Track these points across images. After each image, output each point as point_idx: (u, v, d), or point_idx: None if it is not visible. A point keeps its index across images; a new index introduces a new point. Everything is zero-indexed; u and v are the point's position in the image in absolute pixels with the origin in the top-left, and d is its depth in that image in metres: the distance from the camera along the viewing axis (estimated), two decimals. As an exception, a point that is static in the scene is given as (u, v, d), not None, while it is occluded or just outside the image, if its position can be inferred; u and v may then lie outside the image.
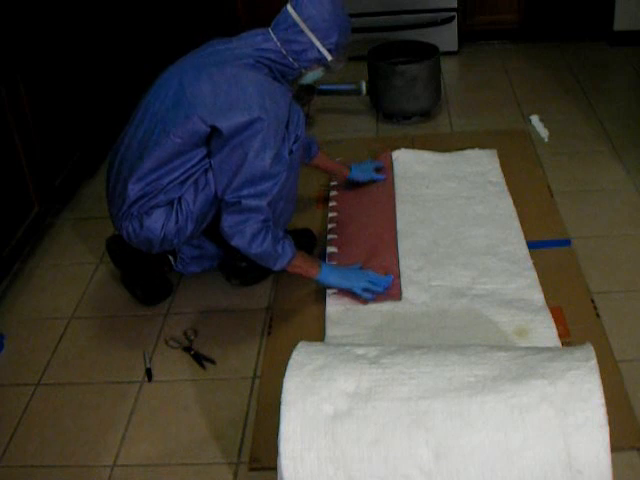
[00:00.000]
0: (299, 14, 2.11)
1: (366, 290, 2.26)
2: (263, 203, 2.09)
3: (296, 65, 2.16)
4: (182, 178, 2.14)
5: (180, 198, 2.17)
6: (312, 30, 2.11)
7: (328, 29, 2.12)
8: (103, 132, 3.25)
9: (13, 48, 2.57)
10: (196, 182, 2.15)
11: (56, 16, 2.86)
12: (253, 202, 2.08)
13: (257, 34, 2.17)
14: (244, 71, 2.09)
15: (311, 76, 2.26)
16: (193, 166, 2.13)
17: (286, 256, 2.16)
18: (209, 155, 2.13)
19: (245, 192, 2.07)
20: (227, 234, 2.12)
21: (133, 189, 2.14)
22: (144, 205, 2.16)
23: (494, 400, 1.49)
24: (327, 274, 2.27)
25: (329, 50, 2.15)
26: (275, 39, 2.13)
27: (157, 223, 2.17)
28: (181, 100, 2.09)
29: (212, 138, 2.10)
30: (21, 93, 2.62)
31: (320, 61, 2.18)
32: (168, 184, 2.14)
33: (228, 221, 2.10)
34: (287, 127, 2.15)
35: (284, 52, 2.13)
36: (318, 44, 2.13)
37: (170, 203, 2.17)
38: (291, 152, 2.17)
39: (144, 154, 2.13)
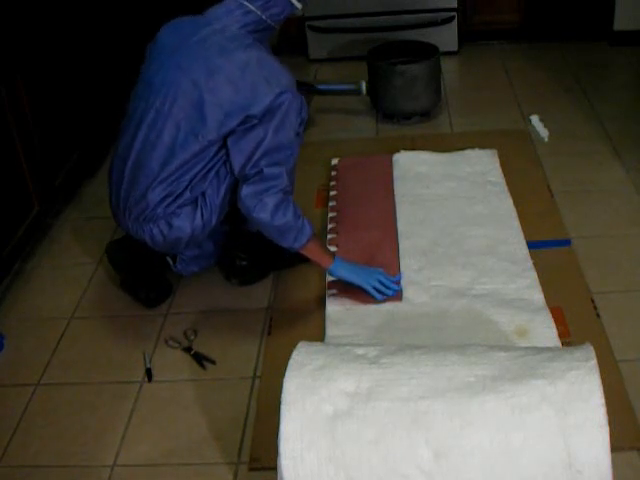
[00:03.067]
0: None
1: (376, 290, 2.27)
2: (283, 170, 2.11)
3: (272, 25, 2.19)
4: (204, 171, 2.16)
5: (204, 193, 2.18)
6: None
7: None
8: (103, 132, 3.25)
9: (13, 48, 2.57)
10: (217, 174, 2.18)
11: (56, 16, 2.86)
12: (275, 169, 2.09)
13: (231, 9, 2.16)
14: (249, 53, 2.10)
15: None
16: (212, 158, 2.15)
17: (306, 232, 2.16)
18: (225, 139, 2.13)
19: (264, 162, 2.09)
20: (248, 207, 2.10)
21: (155, 191, 2.15)
22: (170, 205, 2.17)
23: (494, 400, 1.49)
24: (340, 266, 2.27)
25: (299, 1, 2.21)
26: (254, 8, 2.14)
27: (186, 222, 2.19)
28: (204, 103, 2.08)
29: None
30: (21, 93, 2.62)
31: (292, 13, 2.23)
32: (191, 180, 2.15)
33: (248, 191, 2.09)
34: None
35: (264, 17, 2.16)
36: (294, 1, 2.18)
37: (195, 200, 2.18)
38: (298, 134, 2.25)
39: (169, 158, 2.13)
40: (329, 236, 2.59)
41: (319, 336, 2.18)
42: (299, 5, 2.21)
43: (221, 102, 2.07)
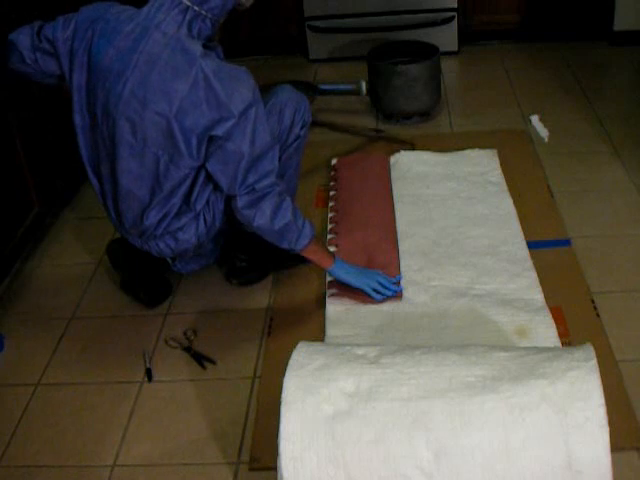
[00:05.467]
0: None
1: (376, 291, 2.27)
2: (273, 179, 2.08)
3: (215, 20, 2.03)
4: (199, 185, 2.13)
5: (208, 200, 2.18)
6: None
7: None
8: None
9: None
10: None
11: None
12: (265, 182, 2.06)
13: (166, 7, 1.97)
14: (205, 68, 1.95)
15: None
16: (199, 172, 2.11)
17: (307, 233, 2.15)
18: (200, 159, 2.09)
19: (252, 179, 2.05)
20: (247, 217, 2.09)
21: (149, 216, 2.15)
22: (172, 223, 2.18)
23: (494, 400, 1.49)
24: (340, 267, 2.27)
25: None
26: (192, 5, 1.97)
27: (190, 233, 2.20)
28: (174, 132, 1.99)
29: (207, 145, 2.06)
30: (22, 93, 2.62)
31: (237, 3, 2.06)
32: (185, 197, 2.14)
33: (244, 201, 2.07)
34: (294, 114, 2.26)
35: (204, 13, 1.98)
36: None
37: (198, 212, 2.19)
38: (299, 137, 2.29)
39: (156, 188, 2.11)
40: (329, 236, 2.59)
41: (319, 336, 2.18)
42: None
43: (191, 127, 1.98)
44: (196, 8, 1.97)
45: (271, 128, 2.14)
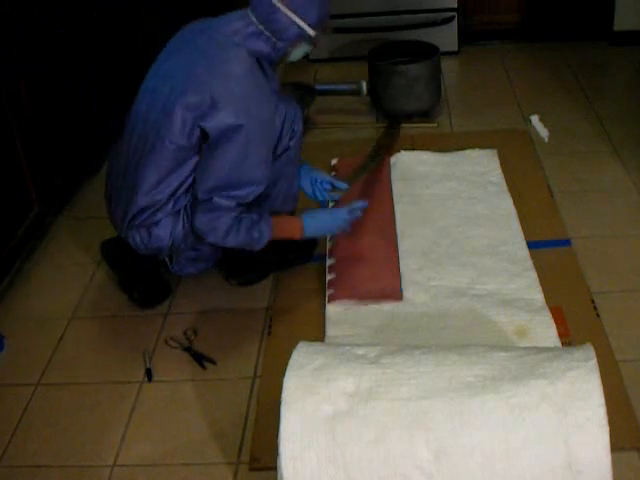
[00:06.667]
0: None
1: (349, 222, 2.31)
2: (233, 204, 2.10)
3: (280, 44, 2.11)
4: (186, 185, 2.15)
5: (187, 205, 2.19)
6: (291, 8, 2.06)
7: (307, 5, 2.08)
8: (105, 131, 3.25)
9: (14, 47, 2.57)
10: None
11: (57, 15, 2.86)
12: (224, 202, 2.09)
13: (237, 18, 2.12)
14: (233, 67, 2.06)
15: (297, 53, 2.21)
16: (190, 174, 2.14)
17: (263, 237, 2.17)
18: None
19: (218, 193, 2.08)
20: (200, 231, 2.13)
21: (138, 202, 2.17)
22: (149, 218, 2.18)
23: (494, 400, 1.49)
24: (310, 226, 2.27)
25: (310, 25, 2.09)
26: (255, 21, 2.08)
27: (165, 231, 2.20)
28: (174, 108, 2.08)
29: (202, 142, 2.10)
30: (22, 92, 2.62)
31: (303, 37, 2.12)
32: (172, 194, 2.16)
33: (199, 219, 2.11)
34: (283, 123, 2.23)
35: (267, 34, 2.08)
36: (298, 21, 2.07)
37: (177, 211, 2.19)
38: (288, 148, 2.26)
39: (140, 163, 2.15)
40: (329, 236, 2.59)
41: (319, 336, 2.18)
42: (309, 31, 2.08)
43: (187, 106, 2.06)
44: (260, 27, 2.08)
45: (274, 170, 2.19)
